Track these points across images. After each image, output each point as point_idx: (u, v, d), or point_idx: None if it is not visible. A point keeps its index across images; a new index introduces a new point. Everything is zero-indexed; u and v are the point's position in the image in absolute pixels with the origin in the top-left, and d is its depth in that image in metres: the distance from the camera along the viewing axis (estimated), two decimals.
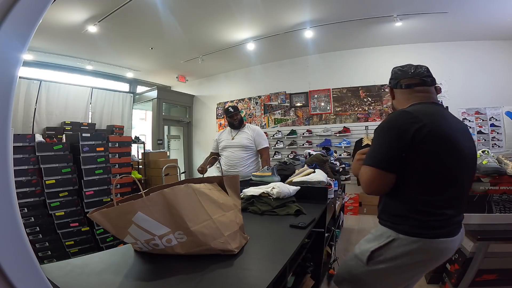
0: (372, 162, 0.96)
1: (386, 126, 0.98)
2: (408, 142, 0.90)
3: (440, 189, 0.93)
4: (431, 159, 0.91)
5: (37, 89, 4.66)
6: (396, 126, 0.94)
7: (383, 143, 0.97)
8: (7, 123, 0.41)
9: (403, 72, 1.11)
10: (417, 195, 0.94)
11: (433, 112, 0.98)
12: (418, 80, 1.07)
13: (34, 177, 2.82)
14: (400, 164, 0.92)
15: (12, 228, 0.42)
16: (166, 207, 0.83)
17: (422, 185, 0.93)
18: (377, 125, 1.03)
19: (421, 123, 0.90)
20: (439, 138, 0.91)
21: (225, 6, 3.43)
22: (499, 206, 1.61)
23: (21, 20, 0.42)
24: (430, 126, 0.90)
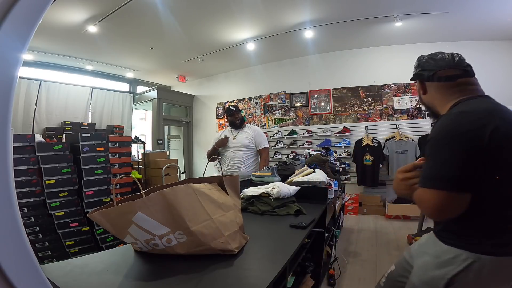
0: (438, 183, 0.76)
1: (449, 134, 0.78)
2: (482, 150, 0.73)
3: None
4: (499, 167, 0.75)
5: (37, 89, 4.66)
6: (464, 133, 0.75)
7: (449, 157, 0.76)
8: (7, 123, 0.41)
9: (438, 61, 0.92)
10: (499, 211, 0.78)
11: (496, 108, 0.81)
12: (460, 70, 0.90)
13: (34, 177, 2.82)
14: (475, 179, 0.75)
15: (12, 228, 0.42)
16: (166, 207, 0.83)
17: (503, 198, 0.78)
18: (430, 136, 0.83)
19: (494, 125, 0.73)
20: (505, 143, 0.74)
21: (225, 6, 3.43)
22: None
23: (21, 20, 0.42)
24: (503, 126, 0.74)
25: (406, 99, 4.61)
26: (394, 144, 4.42)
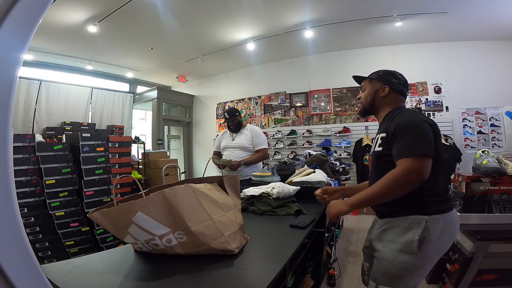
0: (423, 151, 1.00)
1: (420, 120, 1.08)
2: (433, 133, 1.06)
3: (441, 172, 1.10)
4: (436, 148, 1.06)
5: (37, 89, 4.66)
6: (426, 120, 1.08)
7: (425, 134, 1.04)
8: (7, 123, 0.41)
9: (403, 80, 1.27)
10: (434, 179, 1.05)
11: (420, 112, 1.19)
12: (406, 91, 1.29)
13: (34, 177, 2.82)
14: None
15: (12, 228, 0.42)
16: (166, 207, 0.83)
17: (435, 170, 1.03)
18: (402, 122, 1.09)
19: (433, 121, 1.10)
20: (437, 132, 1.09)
21: (225, 6, 3.43)
22: (499, 206, 1.61)
23: (21, 20, 0.42)
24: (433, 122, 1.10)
25: (406, 99, 4.60)
26: None
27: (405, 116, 1.12)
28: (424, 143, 1.02)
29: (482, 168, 1.65)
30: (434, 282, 2.12)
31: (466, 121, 4.29)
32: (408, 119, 1.10)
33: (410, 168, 0.99)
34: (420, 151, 1.00)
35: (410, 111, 1.20)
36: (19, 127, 4.35)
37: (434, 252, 1.06)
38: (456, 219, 1.10)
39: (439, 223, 1.03)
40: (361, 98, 1.33)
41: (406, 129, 1.07)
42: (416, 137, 1.04)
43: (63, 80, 5.13)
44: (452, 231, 1.08)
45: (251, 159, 2.50)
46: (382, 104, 1.26)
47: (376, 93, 1.26)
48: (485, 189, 1.61)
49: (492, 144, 4.13)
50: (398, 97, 1.25)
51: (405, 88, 1.27)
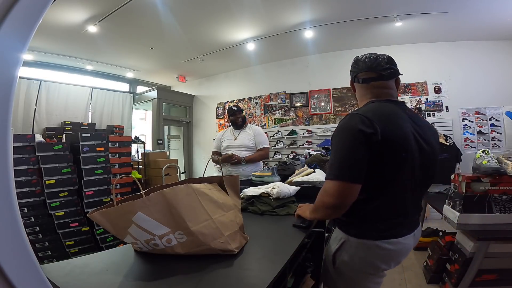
0: (334, 176, 0.89)
1: (345, 130, 0.91)
2: (364, 147, 0.86)
3: (382, 193, 0.92)
4: (374, 163, 0.87)
5: (37, 89, 4.66)
6: (353, 133, 0.87)
7: (344, 152, 0.90)
8: (7, 123, 0.41)
9: (360, 63, 1.04)
10: (366, 201, 0.92)
11: (387, 113, 0.93)
12: (375, 74, 1.00)
13: (34, 177, 2.82)
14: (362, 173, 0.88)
15: (12, 228, 0.42)
16: (166, 207, 0.83)
17: (366, 189, 0.90)
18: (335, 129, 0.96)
19: (372, 130, 0.85)
20: (388, 143, 0.87)
21: (225, 6, 3.43)
22: (499, 206, 1.61)
23: (21, 20, 0.42)
24: (381, 131, 0.86)
25: (406, 99, 4.61)
26: None
27: (342, 120, 0.95)
28: (339, 165, 0.89)
29: (482, 168, 1.65)
30: (434, 282, 2.12)
31: (466, 121, 4.29)
32: (339, 125, 0.94)
33: (326, 191, 0.92)
34: (333, 176, 0.89)
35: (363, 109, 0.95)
36: (19, 127, 4.35)
37: (350, 274, 1.00)
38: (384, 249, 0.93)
39: (356, 246, 0.96)
40: None
41: (332, 140, 0.95)
42: (333, 155, 0.92)
43: (63, 80, 5.13)
44: (374, 260, 0.95)
45: (253, 157, 2.50)
46: (358, 101, 1.10)
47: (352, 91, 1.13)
48: (485, 189, 1.61)
49: (492, 144, 4.13)
50: (365, 88, 1.02)
51: (357, 72, 1.04)
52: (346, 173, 0.87)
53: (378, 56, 1.03)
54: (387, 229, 0.93)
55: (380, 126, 0.86)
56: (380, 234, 0.93)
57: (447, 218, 1.77)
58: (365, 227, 0.95)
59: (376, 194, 0.92)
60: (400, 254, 0.98)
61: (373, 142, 0.85)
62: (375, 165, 0.87)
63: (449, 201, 1.78)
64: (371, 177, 0.88)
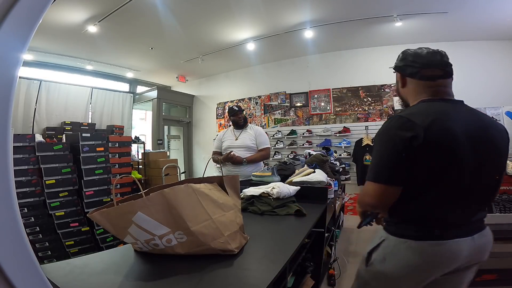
0: (376, 177, 0.88)
1: (386, 133, 0.89)
2: (403, 151, 0.83)
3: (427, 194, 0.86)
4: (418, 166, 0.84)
5: (37, 89, 4.66)
6: (397, 134, 0.85)
7: (385, 153, 0.88)
8: (7, 123, 0.41)
9: (423, 58, 0.94)
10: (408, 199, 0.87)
11: (436, 113, 0.87)
12: (440, 71, 0.94)
13: (34, 177, 2.82)
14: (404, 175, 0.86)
15: (12, 228, 0.42)
16: (166, 207, 0.83)
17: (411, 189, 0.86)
18: (378, 131, 0.94)
19: (414, 133, 0.82)
20: (431, 146, 0.82)
21: (225, 6, 3.43)
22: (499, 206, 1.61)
23: (21, 20, 0.42)
24: (424, 135, 0.81)
25: None
26: None
27: (386, 122, 0.91)
28: (378, 167, 0.89)
29: None
30: None
31: None
32: (382, 128, 0.92)
33: (365, 191, 0.91)
34: (372, 178, 0.89)
35: (411, 110, 0.91)
36: (19, 127, 4.35)
37: (385, 275, 0.92)
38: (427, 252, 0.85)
39: (393, 246, 0.90)
40: None
41: (374, 141, 0.95)
42: (374, 157, 0.91)
43: (63, 80, 5.13)
44: (415, 263, 0.86)
45: (255, 157, 2.49)
46: (406, 97, 1.02)
47: (397, 86, 1.06)
48: None
49: None
50: (419, 84, 0.95)
51: (421, 67, 0.94)
52: (384, 176, 0.87)
53: (438, 51, 0.96)
54: (431, 230, 0.85)
55: (424, 129, 0.82)
56: (422, 234, 0.85)
57: None
58: (407, 226, 0.89)
59: (421, 194, 0.87)
60: (446, 261, 0.86)
61: (413, 146, 0.82)
62: (419, 168, 0.84)
63: None
64: (416, 179, 0.85)
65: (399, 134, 0.84)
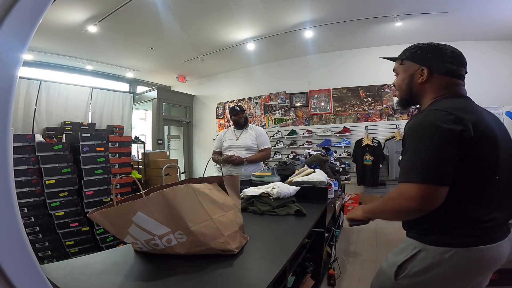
0: (419, 178, 0.79)
1: (431, 129, 0.81)
2: (458, 148, 0.78)
3: (475, 195, 0.82)
4: (466, 163, 0.79)
5: (37, 89, 4.67)
6: (444, 129, 0.79)
7: (430, 151, 0.80)
8: (7, 123, 0.41)
9: (459, 57, 0.92)
10: (453, 207, 0.82)
11: (471, 108, 0.86)
12: (464, 71, 0.93)
13: (34, 177, 2.82)
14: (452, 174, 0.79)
15: (12, 228, 0.42)
16: (166, 207, 0.83)
17: (456, 192, 0.80)
18: (411, 129, 0.86)
19: (463, 126, 0.78)
20: (480, 140, 0.79)
21: (225, 6, 3.43)
22: None
23: (21, 20, 0.42)
24: (473, 127, 0.78)
25: None
26: (394, 144, 4.41)
27: (420, 116, 0.85)
28: (423, 165, 0.80)
29: None
30: None
31: None
32: (418, 122, 0.85)
33: (405, 194, 0.82)
34: (416, 178, 0.80)
35: (445, 105, 0.85)
36: (19, 127, 4.35)
37: (426, 286, 0.86)
38: (469, 260, 0.81)
39: (437, 256, 0.82)
40: (396, 86, 1.06)
41: (410, 138, 0.85)
42: (416, 154, 0.82)
43: (63, 80, 5.14)
44: (462, 269, 0.82)
45: (255, 157, 2.49)
46: (423, 92, 0.95)
47: (413, 79, 0.97)
48: None
49: None
50: (447, 80, 0.91)
51: (457, 65, 0.91)
52: (432, 175, 0.78)
53: (460, 52, 0.94)
54: (477, 235, 0.81)
55: (471, 122, 0.78)
56: (468, 241, 0.81)
57: None
58: (450, 234, 0.82)
59: (467, 197, 0.81)
60: (493, 264, 0.84)
61: (464, 140, 0.77)
62: (467, 165, 0.79)
63: None
64: (463, 179, 0.79)
65: (448, 128, 0.77)
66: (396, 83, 1.05)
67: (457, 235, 0.81)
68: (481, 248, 0.81)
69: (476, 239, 0.81)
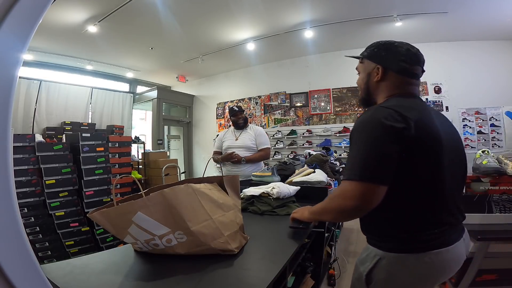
0: (359, 176, 0.77)
1: (374, 122, 0.79)
2: (400, 146, 0.76)
3: (420, 196, 0.81)
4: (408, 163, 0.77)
5: (37, 89, 4.67)
6: (384, 127, 0.77)
7: (371, 148, 0.78)
8: (7, 123, 0.41)
9: (415, 56, 0.91)
10: (400, 208, 0.81)
11: (418, 107, 0.85)
12: (420, 70, 0.92)
13: (34, 177, 2.82)
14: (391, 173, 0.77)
15: (12, 228, 0.42)
16: (166, 207, 0.83)
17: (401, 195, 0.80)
18: (354, 127, 0.84)
19: (404, 124, 0.77)
20: (422, 139, 0.78)
21: (225, 6, 3.43)
22: (499, 206, 1.61)
23: (21, 20, 0.42)
24: (415, 126, 0.77)
25: None
26: None
27: (367, 113, 0.84)
28: (362, 163, 0.77)
29: (482, 168, 1.65)
30: None
31: (466, 121, 4.29)
32: (362, 119, 0.83)
33: (344, 193, 0.80)
34: (355, 176, 0.77)
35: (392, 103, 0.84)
36: (19, 127, 4.35)
37: None
38: (435, 262, 0.80)
39: (398, 263, 0.81)
40: (358, 85, 1.05)
41: (353, 135, 0.83)
42: (357, 151, 0.80)
43: (63, 80, 5.14)
44: (425, 274, 0.82)
45: (254, 157, 2.49)
46: (379, 91, 0.94)
47: (370, 77, 0.96)
48: (485, 189, 1.61)
49: (492, 144, 4.13)
50: (401, 79, 0.90)
51: (410, 64, 0.90)
52: (371, 173, 0.76)
53: (417, 49, 0.93)
54: (433, 239, 0.80)
55: (414, 120, 0.77)
56: (425, 245, 0.80)
57: None
58: (406, 239, 0.81)
59: (417, 200, 0.80)
60: (453, 265, 0.85)
61: (405, 138, 0.75)
62: (410, 165, 0.78)
63: None
64: (407, 180, 0.79)
65: (390, 125, 0.76)
66: (357, 82, 1.05)
67: (413, 241, 0.80)
68: (439, 251, 0.80)
69: (433, 242, 0.80)
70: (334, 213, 0.88)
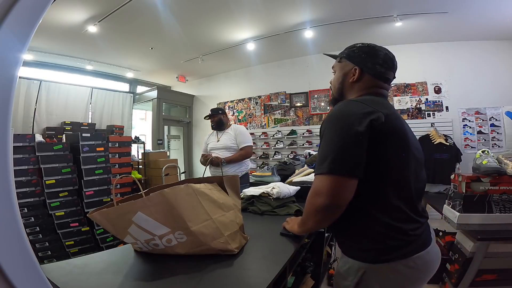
0: (327, 169, 0.74)
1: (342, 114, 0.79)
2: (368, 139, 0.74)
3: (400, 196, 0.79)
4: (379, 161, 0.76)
5: (37, 89, 4.66)
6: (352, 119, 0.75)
7: (339, 140, 0.76)
8: (7, 123, 0.41)
9: (391, 61, 0.93)
10: (374, 213, 0.79)
11: (387, 105, 0.86)
12: (392, 76, 0.94)
13: (34, 177, 2.82)
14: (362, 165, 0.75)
15: (12, 228, 0.42)
16: (166, 207, 0.83)
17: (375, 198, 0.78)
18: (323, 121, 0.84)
19: (374, 116, 0.76)
20: (391, 135, 0.78)
21: (225, 6, 3.43)
22: (499, 206, 1.61)
23: (21, 20, 0.42)
24: (385, 121, 0.76)
25: (406, 99, 4.61)
26: None
27: (336, 106, 0.84)
28: (331, 155, 0.75)
29: (482, 168, 1.65)
30: (434, 282, 2.12)
31: (466, 121, 4.29)
32: (332, 112, 0.82)
33: (316, 190, 0.77)
34: (324, 169, 0.74)
35: (362, 98, 0.87)
36: (19, 127, 4.35)
37: None
38: (419, 265, 0.79)
39: (385, 273, 0.78)
40: (331, 84, 1.06)
41: (323, 129, 0.81)
42: (326, 144, 0.78)
43: (63, 80, 5.13)
44: (415, 277, 0.81)
45: (234, 157, 2.51)
46: (351, 91, 0.95)
47: (346, 77, 0.97)
48: (485, 189, 1.61)
49: (492, 144, 4.13)
50: (374, 82, 0.92)
51: (387, 69, 0.92)
52: (340, 166, 0.73)
53: (393, 55, 0.95)
54: (410, 241, 0.79)
55: (384, 114, 0.78)
56: (408, 251, 0.78)
57: (447, 218, 1.77)
58: (391, 246, 0.78)
59: (386, 198, 0.78)
60: (436, 264, 0.86)
61: (374, 128, 0.74)
62: (380, 159, 0.76)
63: (449, 201, 1.78)
64: (378, 177, 0.77)
65: (359, 116, 0.75)
66: (332, 81, 1.06)
67: (394, 249, 0.78)
68: (420, 254, 0.79)
69: (412, 246, 0.79)
70: (311, 216, 0.84)
